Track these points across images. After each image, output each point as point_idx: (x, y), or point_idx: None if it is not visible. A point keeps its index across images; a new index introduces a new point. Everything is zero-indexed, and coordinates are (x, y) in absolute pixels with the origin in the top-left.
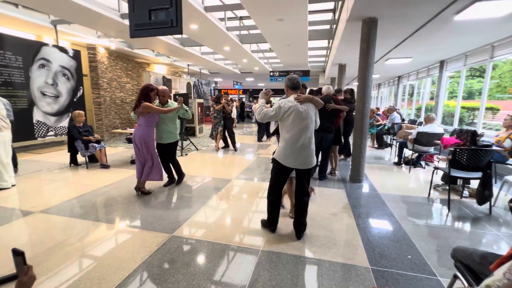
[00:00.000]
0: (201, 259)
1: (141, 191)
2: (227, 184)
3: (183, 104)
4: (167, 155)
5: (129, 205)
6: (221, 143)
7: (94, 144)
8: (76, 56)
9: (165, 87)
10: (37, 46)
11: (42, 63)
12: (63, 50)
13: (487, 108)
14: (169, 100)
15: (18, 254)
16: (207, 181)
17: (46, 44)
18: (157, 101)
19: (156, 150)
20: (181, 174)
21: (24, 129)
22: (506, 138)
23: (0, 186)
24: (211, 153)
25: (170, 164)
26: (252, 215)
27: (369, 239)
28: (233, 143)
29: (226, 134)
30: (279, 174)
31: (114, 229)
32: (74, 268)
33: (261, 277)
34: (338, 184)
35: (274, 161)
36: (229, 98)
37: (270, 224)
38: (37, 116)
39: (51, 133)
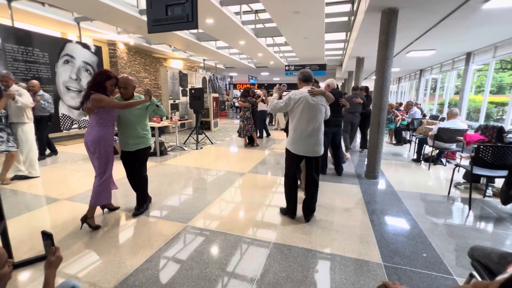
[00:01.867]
0: (214, 248)
1: (87, 223)
2: (240, 178)
3: (152, 98)
4: (135, 166)
5: None
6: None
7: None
8: (98, 52)
9: (126, 76)
10: (62, 42)
11: (66, 59)
12: (85, 46)
13: None
14: (135, 93)
15: (47, 236)
16: (221, 174)
17: (70, 41)
18: (118, 95)
19: (113, 161)
20: (145, 199)
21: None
22: None
23: (30, 174)
24: (226, 147)
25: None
26: (265, 209)
27: (383, 235)
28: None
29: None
30: (291, 162)
31: (133, 218)
32: (96, 252)
33: (272, 268)
34: (352, 179)
35: (286, 150)
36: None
37: (288, 211)
38: (62, 109)
39: (75, 126)
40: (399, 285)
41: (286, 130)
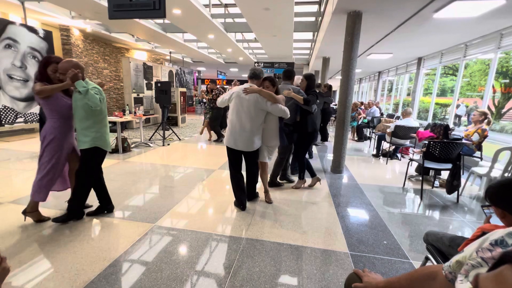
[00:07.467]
0: (184, 248)
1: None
2: (210, 174)
3: (78, 81)
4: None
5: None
6: (214, 136)
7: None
8: (48, 37)
9: (66, 60)
10: (2, 24)
11: (8, 43)
12: (32, 30)
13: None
14: (89, 81)
15: None
16: (189, 171)
17: (12, 23)
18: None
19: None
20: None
21: None
22: (474, 132)
23: None
24: (194, 143)
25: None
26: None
27: (348, 226)
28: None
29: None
30: (229, 156)
31: (92, 219)
32: (49, 259)
33: (245, 264)
34: (320, 174)
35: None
36: (216, 87)
37: (238, 204)
38: (3, 101)
39: (20, 119)
40: (368, 272)
41: None
